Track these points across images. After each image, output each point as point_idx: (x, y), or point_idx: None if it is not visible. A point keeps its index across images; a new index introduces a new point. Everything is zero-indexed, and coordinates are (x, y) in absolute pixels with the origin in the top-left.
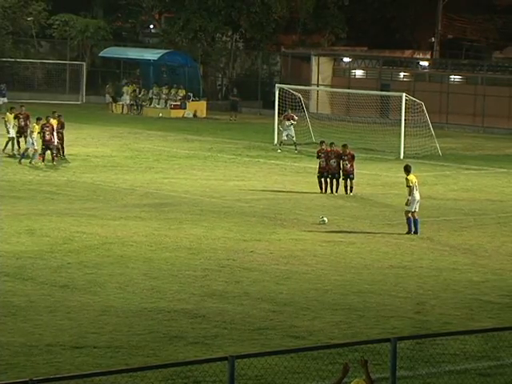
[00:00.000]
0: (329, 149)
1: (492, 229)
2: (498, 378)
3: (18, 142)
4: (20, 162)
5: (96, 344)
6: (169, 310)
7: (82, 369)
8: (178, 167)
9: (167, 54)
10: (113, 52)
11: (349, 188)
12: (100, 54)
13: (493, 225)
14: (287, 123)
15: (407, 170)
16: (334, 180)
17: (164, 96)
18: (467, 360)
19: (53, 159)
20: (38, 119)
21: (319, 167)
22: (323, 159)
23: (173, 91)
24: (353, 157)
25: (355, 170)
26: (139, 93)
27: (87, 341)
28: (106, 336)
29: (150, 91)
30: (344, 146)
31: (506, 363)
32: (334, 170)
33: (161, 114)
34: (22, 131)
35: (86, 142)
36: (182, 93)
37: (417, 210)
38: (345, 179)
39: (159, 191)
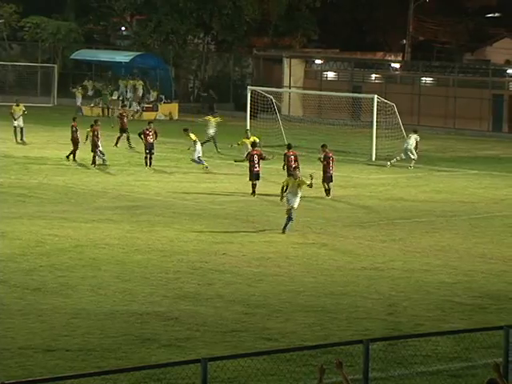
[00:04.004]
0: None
1: (463, 230)
2: (470, 379)
3: None
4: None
5: (68, 347)
6: (141, 312)
7: (54, 372)
8: (150, 169)
9: (139, 56)
10: (84, 54)
11: None
12: (71, 57)
13: (464, 226)
14: None
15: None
16: None
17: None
18: (439, 361)
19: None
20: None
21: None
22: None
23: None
24: (295, 157)
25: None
26: (111, 95)
27: (59, 344)
28: (78, 339)
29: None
30: (289, 146)
31: (478, 364)
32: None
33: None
34: None
35: (57, 145)
36: (153, 95)
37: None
38: None
39: (131, 194)
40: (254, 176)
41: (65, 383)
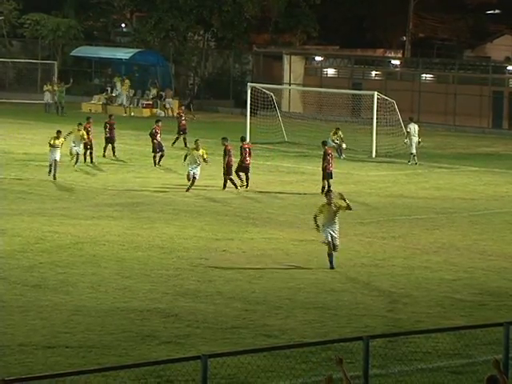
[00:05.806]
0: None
1: (463, 227)
2: (470, 375)
3: None
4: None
5: (68, 344)
6: (141, 309)
7: (54, 369)
8: (150, 166)
9: (139, 53)
10: (84, 51)
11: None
12: (71, 54)
13: (464, 223)
14: None
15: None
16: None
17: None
18: (439, 358)
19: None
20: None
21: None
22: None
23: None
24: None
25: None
26: (111, 92)
27: (59, 340)
28: (79, 336)
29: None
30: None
31: (478, 361)
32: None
33: (133, 113)
34: None
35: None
36: (153, 92)
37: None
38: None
39: (131, 190)
40: (244, 169)
41: (65, 380)
